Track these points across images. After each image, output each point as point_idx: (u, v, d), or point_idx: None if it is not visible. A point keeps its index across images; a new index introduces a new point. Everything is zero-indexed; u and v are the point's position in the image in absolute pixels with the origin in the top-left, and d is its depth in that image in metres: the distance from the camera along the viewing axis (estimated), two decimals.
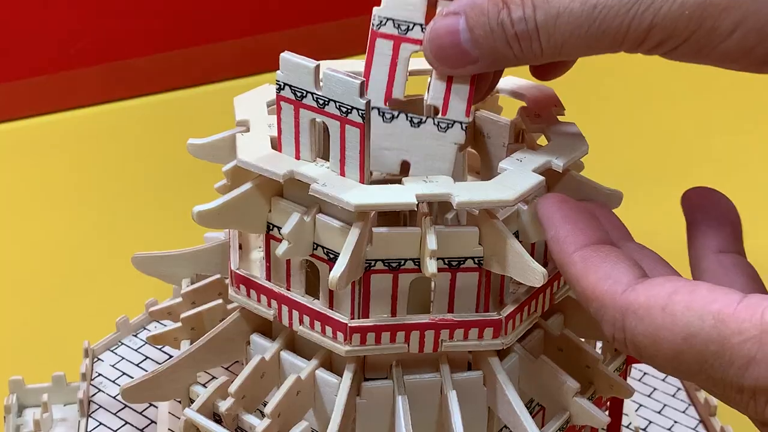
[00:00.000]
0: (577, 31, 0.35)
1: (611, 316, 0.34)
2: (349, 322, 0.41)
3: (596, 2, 0.34)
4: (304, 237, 0.41)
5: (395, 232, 0.40)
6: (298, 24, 0.93)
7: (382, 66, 0.41)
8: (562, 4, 0.35)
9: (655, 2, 0.34)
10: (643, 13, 0.34)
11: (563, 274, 0.37)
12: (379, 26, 0.40)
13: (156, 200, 0.79)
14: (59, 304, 0.70)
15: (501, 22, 0.36)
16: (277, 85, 0.40)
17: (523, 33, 0.36)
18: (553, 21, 0.35)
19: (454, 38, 0.38)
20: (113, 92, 0.90)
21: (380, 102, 0.41)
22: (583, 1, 0.35)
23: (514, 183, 0.40)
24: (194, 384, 0.46)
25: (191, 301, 0.50)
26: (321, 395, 0.43)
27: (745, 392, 0.32)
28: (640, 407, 0.58)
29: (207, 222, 0.41)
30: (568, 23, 0.35)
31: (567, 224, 0.37)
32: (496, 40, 0.37)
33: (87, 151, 0.85)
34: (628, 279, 0.34)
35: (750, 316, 0.31)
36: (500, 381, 0.43)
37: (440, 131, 0.41)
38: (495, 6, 0.37)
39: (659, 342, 0.32)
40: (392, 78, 0.41)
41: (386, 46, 0.40)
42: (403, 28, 0.40)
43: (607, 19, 0.34)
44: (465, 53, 0.38)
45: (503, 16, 0.36)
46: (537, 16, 0.36)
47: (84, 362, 0.57)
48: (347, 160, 0.40)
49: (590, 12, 0.35)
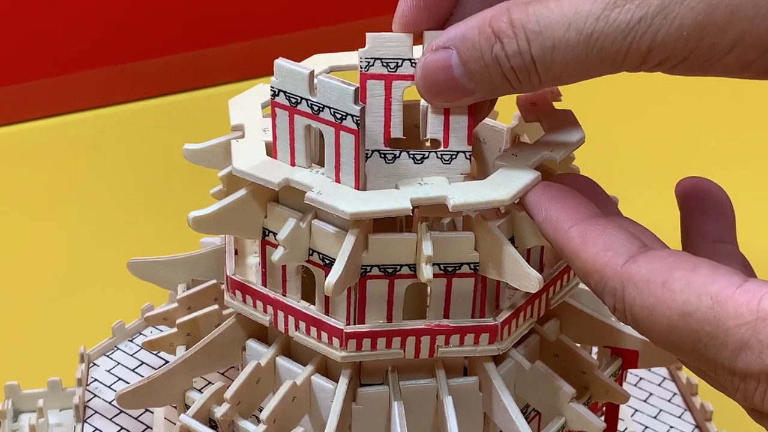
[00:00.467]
0: (574, 61, 0.34)
1: (612, 287, 0.34)
2: (345, 328, 0.41)
3: (592, 31, 0.34)
4: (299, 243, 0.41)
5: (391, 237, 0.40)
6: (296, 28, 0.93)
7: (376, 107, 0.40)
8: (557, 35, 0.34)
9: (652, 26, 0.33)
10: (641, 38, 0.33)
11: (560, 252, 0.37)
12: (367, 68, 0.39)
13: (152, 205, 0.79)
14: (55, 309, 0.70)
15: (495, 57, 0.36)
16: (271, 91, 0.40)
17: (519, 66, 0.35)
18: (549, 53, 0.35)
19: (447, 74, 0.37)
20: (110, 96, 0.90)
21: (380, 144, 0.40)
22: (578, 30, 0.34)
23: (509, 181, 0.40)
24: (190, 390, 0.46)
25: (187, 306, 0.50)
26: (317, 401, 0.43)
27: (736, 375, 0.32)
28: (636, 412, 0.58)
29: (202, 228, 0.41)
30: (565, 54, 0.34)
31: (556, 204, 0.37)
32: (492, 75, 0.36)
33: (83, 156, 0.85)
34: (628, 250, 0.34)
35: (748, 301, 0.31)
36: (496, 386, 0.43)
37: (444, 163, 0.41)
38: (487, 40, 0.36)
39: (656, 315, 0.33)
40: (389, 118, 0.40)
41: (378, 87, 0.40)
42: (392, 66, 0.39)
43: (604, 47, 0.34)
44: (460, 87, 0.37)
45: (497, 50, 0.35)
46: (532, 50, 0.35)
47: (80, 367, 0.57)
48: (342, 166, 0.40)
49: (587, 41, 0.34)
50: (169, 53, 0.91)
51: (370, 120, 0.40)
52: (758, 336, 0.31)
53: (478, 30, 0.36)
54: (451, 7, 0.39)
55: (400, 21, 0.39)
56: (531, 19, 0.35)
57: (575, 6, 0.34)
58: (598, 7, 0.34)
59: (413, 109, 0.45)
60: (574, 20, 0.34)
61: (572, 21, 0.34)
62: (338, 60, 0.48)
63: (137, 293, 0.60)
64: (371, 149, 0.40)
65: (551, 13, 0.34)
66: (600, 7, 0.33)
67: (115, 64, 0.89)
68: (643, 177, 0.82)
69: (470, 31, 0.36)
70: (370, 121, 0.40)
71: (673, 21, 0.33)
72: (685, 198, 0.39)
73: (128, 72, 0.90)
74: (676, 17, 0.33)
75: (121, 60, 0.90)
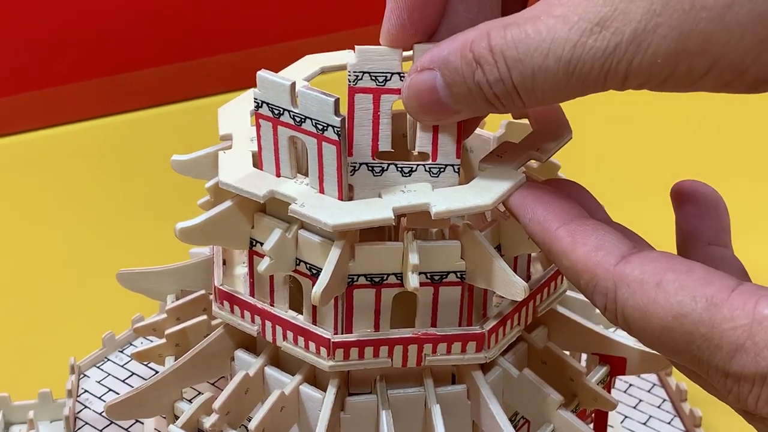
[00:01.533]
0: (556, 87, 0.35)
1: (603, 287, 0.34)
2: (333, 338, 0.41)
3: (570, 58, 0.34)
4: (286, 253, 0.41)
5: (377, 247, 0.40)
6: (286, 38, 0.94)
7: (365, 121, 0.40)
8: (536, 62, 0.34)
9: (627, 53, 0.33)
10: (618, 64, 0.33)
11: (548, 253, 0.37)
12: (355, 81, 0.39)
13: (142, 216, 0.79)
14: (45, 321, 0.70)
15: (478, 83, 0.36)
16: (255, 103, 0.40)
17: (502, 93, 0.36)
18: (530, 80, 0.35)
19: (433, 95, 0.37)
20: (101, 108, 0.90)
21: (368, 157, 0.40)
22: (557, 58, 0.34)
23: (493, 185, 0.39)
24: (179, 400, 0.46)
25: (176, 317, 0.50)
26: (305, 410, 0.43)
27: (730, 378, 0.32)
28: (626, 419, 0.59)
29: (190, 239, 0.41)
30: (545, 81, 0.34)
31: (543, 204, 0.37)
32: (476, 99, 0.36)
33: (72, 167, 0.85)
34: (620, 251, 0.34)
35: (743, 304, 0.31)
36: (484, 394, 0.43)
37: (433, 177, 0.40)
38: (469, 66, 0.36)
39: (649, 317, 0.33)
40: (376, 131, 0.40)
41: (366, 101, 0.39)
42: (381, 80, 0.39)
43: (583, 73, 0.34)
44: (446, 108, 0.37)
45: (479, 77, 0.36)
46: (513, 77, 0.35)
47: (70, 379, 0.57)
48: (325, 177, 0.40)
49: (566, 68, 0.34)
50: (159, 64, 0.91)
51: (358, 133, 0.40)
52: (754, 339, 0.31)
53: (460, 54, 0.36)
54: (437, 19, 0.39)
55: (386, 36, 0.39)
56: (510, 45, 0.35)
57: (553, 32, 0.34)
58: (575, 34, 0.34)
59: (400, 118, 0.45)
60: (552, 47, 0.34)
61: (550, 48, 0.34)
62: (329, 60, 0.48)
63: (127, 304, 0.60)
64: (359, 162, 0.40)
65: (529, 39, 0.34)
66: (577, 34, 0.34)
67: (104, 75, 0.90)
68: (632, 183, 0.82)
69: (452, 55, 0.36)
70: (358, 134, 0.40)
71: (647, 49, 0.33)
72: (681, 200, 0.40)
73: (117, 84, 0.90)
74: (650, 45, 0.33)
75: (110, 72, 0.90)
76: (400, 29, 0.38)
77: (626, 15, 0.33)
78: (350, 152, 0.40)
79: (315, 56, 0.48)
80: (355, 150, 0.40)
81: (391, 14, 0.38)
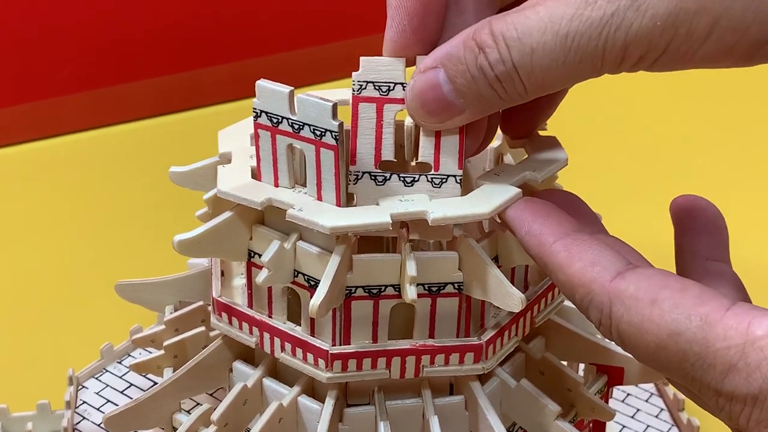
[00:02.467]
0: (554, 64, 0.35)
1: (599, 302, 0.34)
2: (331, 349, 0.41)
3: (567, 31, 0.34)
4: (284, 264, 0.41)
5: (375, 258, 0.40)
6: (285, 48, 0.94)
7: (368, 130, 0.40)
8: (534, 39, 0.35)
9: (624, 20, 0.33)
10: (615, 32, 0.34)
11: (543, 266, 0.37)
12: (359, 91, 0.39)
13: (140, 227, 0.79)
14: (43, 332, 0.70)
15: (480, 67, 0.36)
16: (254, 112, 0.40)
17: (503, 74, 0.36)
18: (529, 58, 0.35)
19: (436, 92, 0.38)
20: (98, 119, 0.90)
21: (371, 166, 0.41)
22: (554, 33, 0.34)
23: (490, 197, 0.40)
24: (177, 412, 0.46)
25: (174, 328, 0.51)
26: (304, 422, 0.43)
27: (722, 396, 0.32)
28: (624, 428, 0.59)
29: (188, 251, 0.41)
30: (544, 57, 0.35)
31: (539, 218, 0.37)
32: (479, 86, 0.37)
33: (70, 178, 0.85)
34: (616, 266, 0.35)
35: (737, 324, 0.31)
36: (482, 405, 0.43)
37: (435, 187, 0.41)
38: (471, 52, 0.36)
39: (644, 333, 0.33)
40: (379, 140, 0.40)
41: (369, 110, 0.40)
42: (384, 90, 0.40)
43: (581, 46, 0.34)
44: (450, 105, 0.38)
45: (481, 61, 0.36)
46: (513, 56, 0.35)
47: (68, 390, 0.57)
48: (323, 183, 0.40)
49: (563, 42, 0.34)
50: (156, 75, 0.91)
51: (361, 143, 0.40)
52: (746, 359, 0.31)
53: (463, 44, 0.37)
54: (438, 27, 0.39)
55: (388, 44, 0.39)
56: (510, 27, 0.35)
57: (550, 10, 0.35)
58: (571, 8, 0.34)
59: (398, 129, 0.46)
60: (549, 24, 0.34)
61: (548, 24, 0.35)
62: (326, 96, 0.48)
63: (126, 315, 0.60)
64: (362, 171, 0.41)
65: (528, 20, 0.35)
66: (573, 7, 0.34)
67: (101, 86, 0.90)
68: (628, 193, 0.82)
69: (455, 48, 0.37)
70: (361, 143, 0.40)
71: (645, 12, 0.33)
72: (679, 215, 0.40)
73: (114, 94, 0.90)
74: (648, 8, 0.33)
75: (107, 83, 0.90)
76: (402, 36, 0.39)
77: None
78: (353, 161, 0.40)
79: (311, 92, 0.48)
80: (357, 159, 0.40)
81: (392, 22, 0.38)
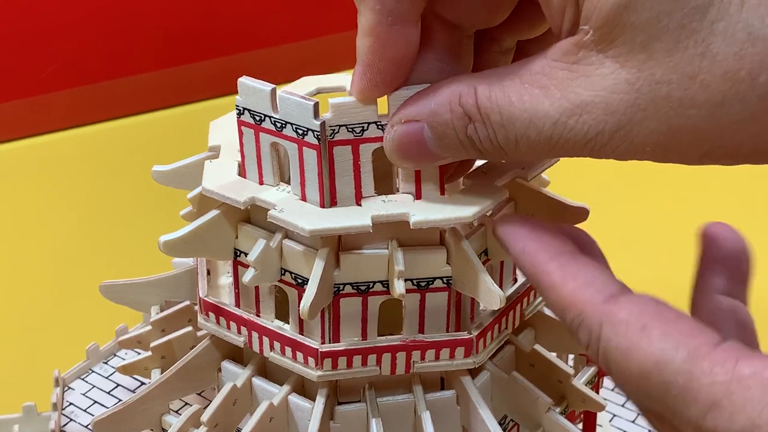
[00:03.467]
0: (538, 153, 0.35)
1: (589, 323, 0.34)
2: (320, 347, 0.41)
3: (551, 134, 0.34)
4: (270, 263, 0.41)
5: (363, 255, 0.40)
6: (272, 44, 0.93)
7: (346, 171, 0.39)
8: (518, 131, 0.34)
9: (611, 141, 0.33)
10: (601, 149, 0.33)
11: (536, 284, 0.36)
12: (332, 135, 0.39)
13: (125, 226, 0.78)
14: (28, 333, 0.69)
15: (470, 137, 0.36)
16: (237, 110, 0.40)
17: (489, 148, 0.36)
18: (514, 145, 0.35)
19: (420, 147, 0.37)
20: (82, 117, 0.89)
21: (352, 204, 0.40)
22: (538, 131, 0.34)
23: (475, 199, 0.40)
24: (166, 413, 0.46)
25: (161, 328, 0.50)
26: (294, 421, 0.43)
27: None
28: (614, 417, 0.59)
29: (173, 251, 0.41)
30: (528, 147, 0.34)
31: (535, 237, 0.37)
32: (467, 149, 0.36)
33: (54, 177, 0.84)
34: (609, 290, 0.34)
35: (724, 360, 0.31)
36: (473, 399, 0.42)
37: None
38: (460, 120, 0.36)
39: (630, 360, 0.32)
40: (358, 179, 0.40)
41: (346, 152, 0.39)
42: (359, 131, 0.39)
43: (566, 149, 0.34)
44: (433, 156, 0.37)
45: (471, 131, 0.35)
46: (499, 139, 0.35)
47: (55, 391, 0.57)
48: (307, 182, 0.39)
49: (547, 141, 0.34)
50: (141, 72, 0.91)
51: (340, 183, 0.39)
52: (731, 397, 0.30)
53: (450, 108, 0.36)
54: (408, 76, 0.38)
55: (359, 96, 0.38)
56: (494, 109, 0.35)
57: (535, 104, 0.34)
58: (555, 111, 0.33)
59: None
60: (533, 119, 0.34)
61: (532, 120, 0.34)
62: (326, 82, 0.48)
63: (111, 315, 0.59)
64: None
65: (512, 107, 0.34)
66: (558, 111, 0.33)
67: (86, 84, 0.89)
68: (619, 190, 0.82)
69: (441, 107, 0.36)
70: (341, 184, 0.40)
71: (633, 139, 0.32)
72: (705, 244, 0.38)
73: (98, 92, 0.89)
74: (636, 136, 0.32)
75: (93, 80, 0.89)
76: (373, 89, 0.38)
77: (608, 105, 0.32)
78: (334, 202, 0.40)
79: (312, 78, 0.48)
80: (338, 200, 0.40)
81: (362, 78, 0.38)
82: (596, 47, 0.32)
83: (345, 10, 0.95)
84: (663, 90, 0.32)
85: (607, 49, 0.32)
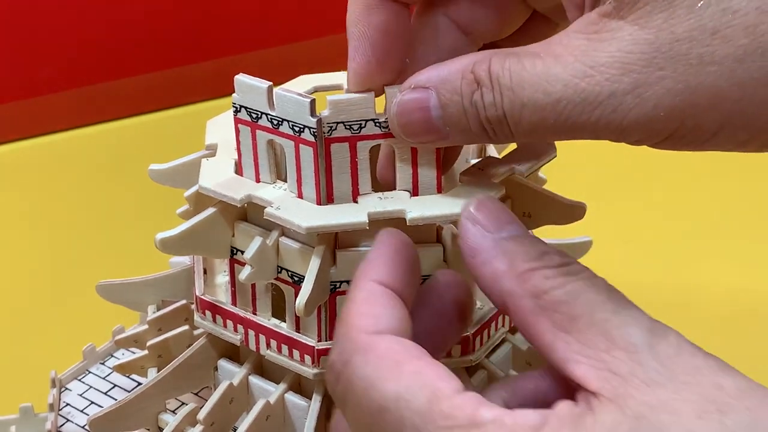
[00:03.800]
0: (543, 123, 0.34)
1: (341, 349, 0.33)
2: (317, 345, 0.41)
3: (560, 96, 0.33)
4: (267, 261, 0.41)
5: (359, 252, 0.40)
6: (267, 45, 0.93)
7: (343, 168, 0.39)
8: (526, 94, 0.33)
9: (623, 104, 0.32)
10: (612, 114, 0.32)
11: None
12: (330, 132, 0.39)
13: (121, 226, 0.78)
14: (24, 334, 0.69)
15: (474, 103, 0.35)
16: (233, 107, 0.40)
17: (493, 117, 0.35)
18: (518, 110, 0.34)
19: (424, 114, 0.36)
20: (79, 118, 0.90)
21: (349, 201, 0.40)
22: (546, 93, 0.33)
23: (471, 194, 0.39)
24: (163, 412, 0.46)
25: (157, 327, 0.50)
26: (291, 419, 0.43)
27: None
28: None
29: (170, 249, 0.41)
30: (533, 114, 0.33)
31: None
32: (470, 121, 0.35)
33: (50, 178, 0.84)
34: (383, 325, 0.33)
35: (464, 404, 0.30)
36: None
37: None
38: (469, 86, 0.35)
39: (373, 391, 0.31)
40: (356, 177, 0.40)
41: (343, 149, 0.39)
42: (356, 128, 0.39)
43: (572, 116, 0.33)
44: (435, 129, 0.36)
45: (477, 98, 0.35)
46: (504, 104, 0.34)
47: (51, 392, 0.57)
48: (303, 180, 0.39)
49: (554, 106, 0.33)
50: (137, 73, 0.91)
51: (337, 181, 0.39)
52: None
53: (462, 74, 0.35)
54: (402, 58, 0.38)
55: (353, 76, 0.38)
56: (505, 73, 0.34)
57: (547, 68, 0.33)
58: (567, 73, 0.33)
59: None
60: (543, 82, 0.33)
61: (542, 82, 0.33)
62: (323, 80, 0.48)
63: (108, 315, 0.59)
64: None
65: (524, 71, 0.34)
66: (569, 73, 0.33)
67: (82, 85, 0.89)
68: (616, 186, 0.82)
69: (453, 75, 0.36)
70: (338, 181, 0.40)
71: (647, 101, 0.32)
72: None
73: (94, 93, 0.90)
74: (651, 97, 0.32)
75: (88, 81, 0.89)
76: (366, 67, 0.38)
77: (624, 65, 0.32)
78: (330, 199, 0.40)
79: (309, 76, 0.48)
80: (335, 197, 0.40)
81: (356, 53, 0.38)
82: (618, 14, 0.32)
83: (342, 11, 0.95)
84: (683, 47, 0.31)
85: (627, 15, 0.32)
